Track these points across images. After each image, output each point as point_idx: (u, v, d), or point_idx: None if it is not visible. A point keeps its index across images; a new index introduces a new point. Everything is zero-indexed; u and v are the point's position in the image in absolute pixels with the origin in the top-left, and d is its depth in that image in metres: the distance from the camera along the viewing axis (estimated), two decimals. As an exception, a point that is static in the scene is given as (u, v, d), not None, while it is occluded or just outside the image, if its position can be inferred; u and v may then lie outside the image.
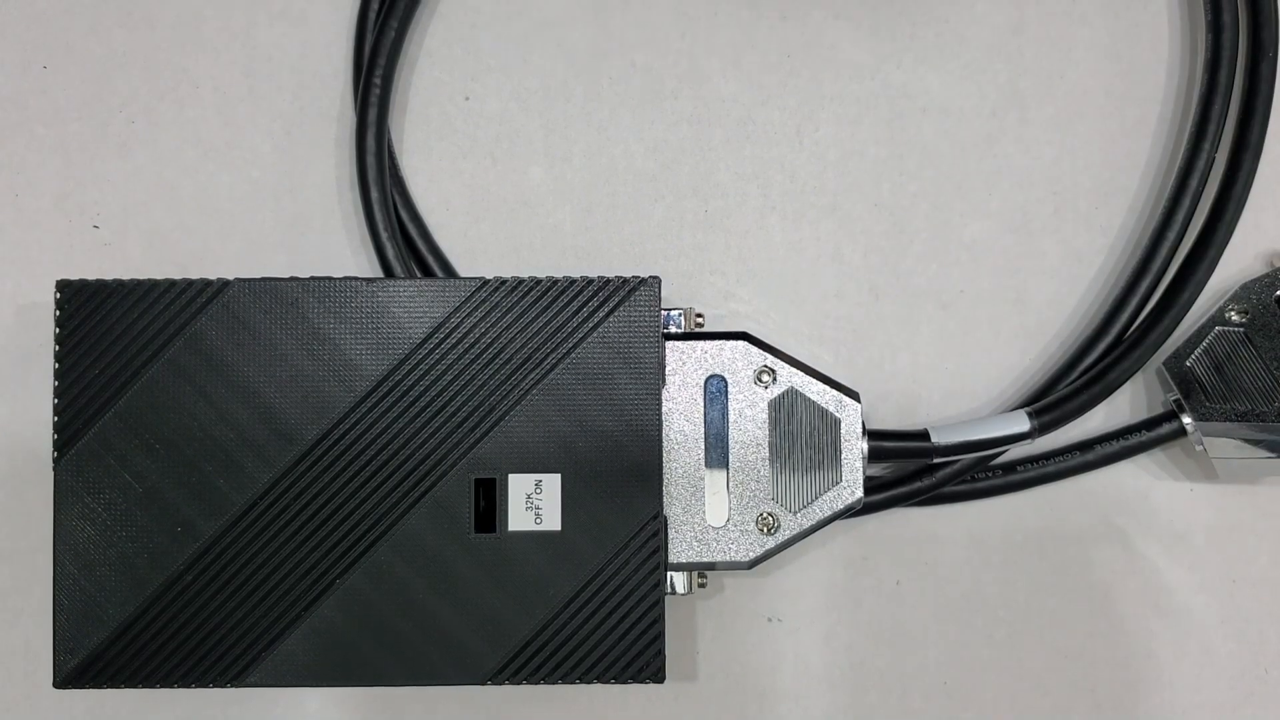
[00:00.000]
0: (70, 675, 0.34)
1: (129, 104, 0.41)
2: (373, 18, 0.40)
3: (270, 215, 0.40)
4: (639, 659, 0.34)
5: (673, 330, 0.36)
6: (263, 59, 0.41)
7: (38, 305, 0.40)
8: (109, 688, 0.34)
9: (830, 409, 0.36)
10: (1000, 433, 0.37)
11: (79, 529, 0.34)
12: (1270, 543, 0.39)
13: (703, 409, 0.35)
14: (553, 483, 0.34)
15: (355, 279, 0.35)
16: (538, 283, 0.35)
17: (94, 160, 0.40)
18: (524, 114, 0.41)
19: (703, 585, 0.36)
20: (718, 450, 0.35)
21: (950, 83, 0.41)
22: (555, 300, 0.35)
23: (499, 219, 0.40)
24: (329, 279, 0.35)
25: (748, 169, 0.40)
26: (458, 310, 0.35)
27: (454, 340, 0.34)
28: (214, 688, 0.34)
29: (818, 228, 0.40)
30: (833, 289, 0.40)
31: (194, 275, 0.38)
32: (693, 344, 0.36)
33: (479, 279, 0.35)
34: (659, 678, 0.34)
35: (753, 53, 0.41)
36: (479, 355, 0.34)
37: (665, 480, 0.35)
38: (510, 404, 0.34)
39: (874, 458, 0.37)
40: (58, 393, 0.34)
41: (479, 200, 0.40)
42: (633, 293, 0.35)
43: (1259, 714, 0.39)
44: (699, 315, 0.36)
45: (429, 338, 0.34)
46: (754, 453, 0.35)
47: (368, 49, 0.40)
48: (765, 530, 0.35)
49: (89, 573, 0.34)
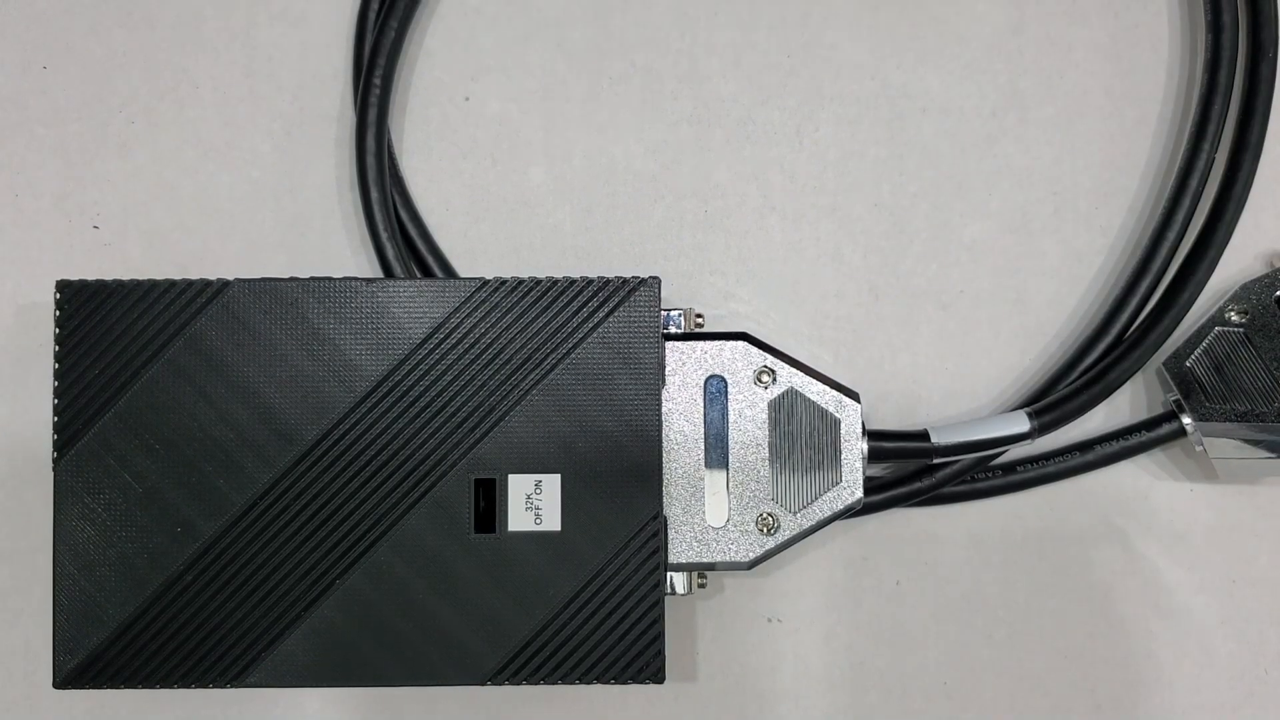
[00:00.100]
0: (70, 675, 0.34)
1: (129, 104, 0.41)
2: (373, 18, 0.40)
3: (270, 215, 0.40)
4: (639, 659, 0.34)
5: (672, 330, 0.36)
6: (263, 59, 0.41)
7: (38, 305, 0.40)
8: (109, 688, 0.34)
9: (830, 409, 0.35)
10: (1000, 433, 0.37)
11: (79, 529, 0.34)
12: (1270, 543, 0.39)
13: (702, 409, 0.35)
14: (552, 483, 0.34)
15: (355, 279, 0.35)
16: (537, 283, 0.35)
17: (94, 160, 0.40)
18: (524, 114, 0.41)
19: (703, 585, 0.36)
20: (717, 450, 0.35)
21: (950, 83, 0.41)
22: (555, 300, 0.35)
23: (499, 219, 0.40)
24: (329, 279, 0.35)
25: (747, 169, 0.40)
26: (457, 310, 0.35)
27: (454, 340, 0.34)
28: (214, 688, 0.34)
29: (817, 228, 0.40)
30: (832, 289, 0.40)
31: (194, 275, 0.38)
32: (692, 344, 0.36)
33: (479, 279, 0.35)
34: (659, 678, 0.34)
35: (753, 53, 0.41)
36: (479, 355, 0.34)
37: (665, 480, 0.35)
38: (510, 404, 0.34)
39: (874, 458, 0.37)
40: (57, 393, 0.34)
41: (479, 200, 0.40)
42: (632, 293, 0.35)
43: (1259, 714, 0.39)
44: (699, 315, 0.36)
45: (429, 338, 0.34)
46: (754, 453, 0.35)
47: (368, 49, 0.40)
48: (765, 530, 0.35)
49: (89, 573, 0.34)
